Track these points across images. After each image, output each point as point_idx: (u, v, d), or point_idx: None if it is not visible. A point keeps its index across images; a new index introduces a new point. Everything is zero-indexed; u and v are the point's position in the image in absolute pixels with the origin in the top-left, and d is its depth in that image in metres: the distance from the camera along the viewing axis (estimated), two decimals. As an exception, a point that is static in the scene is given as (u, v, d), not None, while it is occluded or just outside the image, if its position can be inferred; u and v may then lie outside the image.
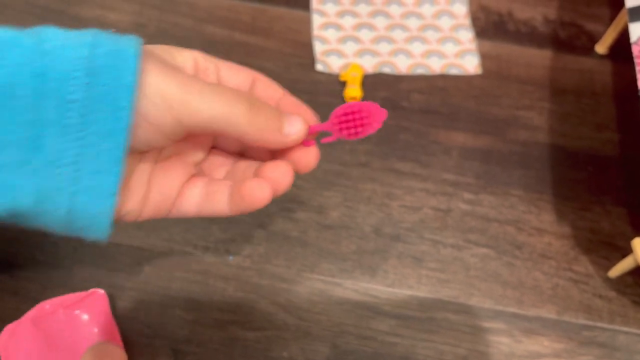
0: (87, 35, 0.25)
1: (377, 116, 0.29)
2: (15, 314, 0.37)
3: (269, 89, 0.31)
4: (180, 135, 0.26)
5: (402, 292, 0.41)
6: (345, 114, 0.29)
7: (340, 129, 0.29)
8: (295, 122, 0.29)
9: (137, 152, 0.27)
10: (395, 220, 0.43)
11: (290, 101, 0.31)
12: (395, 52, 0.50)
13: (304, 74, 0.48)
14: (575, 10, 0.53)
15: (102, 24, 0.49)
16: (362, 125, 0.29)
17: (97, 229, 0.25)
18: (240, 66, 0.31)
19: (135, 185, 0.27)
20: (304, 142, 0.30)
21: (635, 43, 0.40)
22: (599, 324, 0.40)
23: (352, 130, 0.29)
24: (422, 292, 0.41)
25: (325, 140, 0.30)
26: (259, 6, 0.51)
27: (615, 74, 0.50)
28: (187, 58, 0.29)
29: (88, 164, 0.24)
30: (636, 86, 0.39)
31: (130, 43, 0.25)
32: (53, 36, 0.24)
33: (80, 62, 0.24)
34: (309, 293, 0.40)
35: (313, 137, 0.30)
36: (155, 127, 0.25)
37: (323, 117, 0.47)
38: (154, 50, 0.27)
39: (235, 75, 0.30)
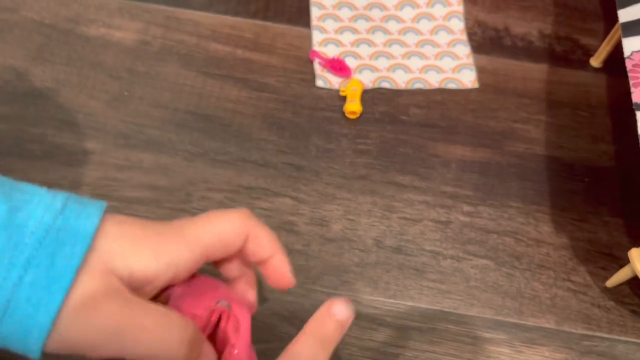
0: (25, 249, 0.24)
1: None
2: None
3: (259, 251, 0.30)
4: None
5: (404, 303, 0.41)
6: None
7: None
8: None
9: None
10: (396, 233, 0.44)
11: (276, 267, 0.31)
12: (393, 68, 0.51)
13: (305, 90, 0.49)
14: (571, 25, 0.55)
15: (107, 42, 0.50)
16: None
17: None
18: (234, 220, 0.29)
19: None
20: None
21: (629, 57, 0.41)
22: (598, 334, 0.41)
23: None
24: (423, 303, 0.41)
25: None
26: (262, 23, 0.53)
27: (610, 87, 0.51)
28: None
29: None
30: (630, 99, 0.40)
31: (68, 267, 0.24)
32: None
33: (1, 292, 0.23)
34: (312, 305, 0.41)
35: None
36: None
37: (325, 131, 0.48)
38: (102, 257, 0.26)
39: (223, 249, 0.29)
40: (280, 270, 0.31)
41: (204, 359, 0.28)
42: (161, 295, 0.30)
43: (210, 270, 0.32)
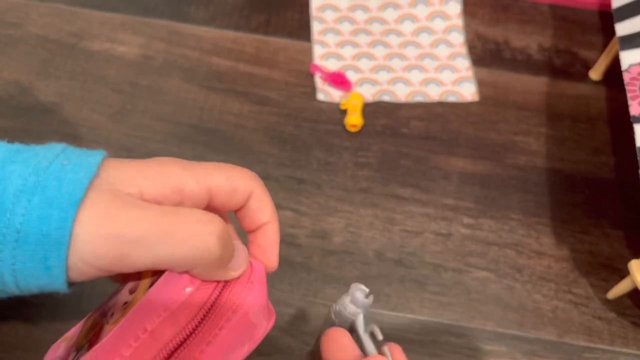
0: (30, 177, 0.24)
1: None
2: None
3: (260, 214, 0.29)
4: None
5: (405, 315, 0.41)
6: None
7: None
8: (241, 256, 0.27)
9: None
10: (397, 245, 0.44)
11: (268, 236, 0.30)
12: (394, 81, 0.51)
13: (307, 103, 0.50)
14: (570, 38, 0.55)
15: (110, 57, 0.51)
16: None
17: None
18: (242, 174, 0.29)
19: None
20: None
21: (627, 71, 0.41)
22: (600, 346, 0.41)
23: None
24: (425, 315, 0.41)
25: None
26: (263, 38, 0.53)
27: (610, 99, 0.52)
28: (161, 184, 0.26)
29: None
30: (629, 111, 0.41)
31: (76, 184, 0.24)
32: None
33: (12, 217, 0.23)
34: (313, 318, 0.41)
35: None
36: (93, 273, 0.25)
37: (326, 144, 0.49)
38: (109, 180, 0.25)
39: (227, 197, 0.28)
40: (271, 239, 0.30)
41: (238, 258, 0.27)
42: None
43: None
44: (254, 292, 0.27)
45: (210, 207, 0.28)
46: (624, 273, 0.43)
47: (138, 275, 0.28)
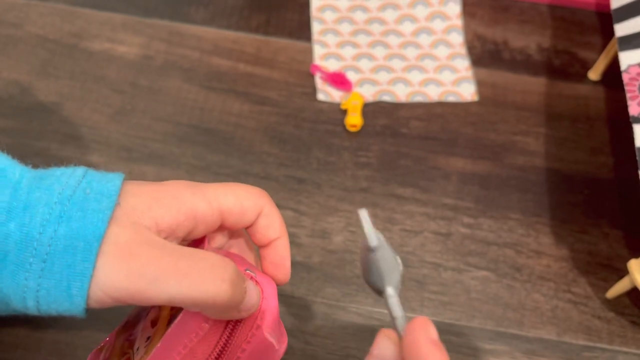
0: (56, 207, 0.25)
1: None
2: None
3: (270, 230, 0.30)
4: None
5: (405, 315, 0.41)
6: None
7: None
8: (253, 299, 0.28)
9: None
10: (397, 245, 0.44)
11: (279, 250, 0.31)
12: (394, 81, 0.51)
13: (307, 103, 0.50)
14: (569, 38, 0.55)
15: (110, 57, 0.51)
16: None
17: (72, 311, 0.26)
18: (251, 193, 0.30)
19: None
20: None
21: (625, 71, 0.41)
22: (599, 345, 0.41)
23: None
24: (425, 314, 0.41)
25: None
26: (263, 38, 0.53)
27: (609, 99, 0.52)
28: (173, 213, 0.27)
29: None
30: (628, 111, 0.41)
31: (99, 216, 0.25)
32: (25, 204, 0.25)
33: (39, 247, 0.24)
34: (314, 317, 0.41)
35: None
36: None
37: (326, 144, 0.49)
38: (129, 214, 0.26)
39: (239, 217, 0.29)
40: (281, 255, 0.31)
41: (250, 300, 0.28)
42: None
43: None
44: (265, 321, 0.29)
45: (222, 228, 0.30)
46: (623, 272, 0.43)
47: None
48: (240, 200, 0.29)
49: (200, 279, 0.25)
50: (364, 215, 0.25)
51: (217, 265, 0.26)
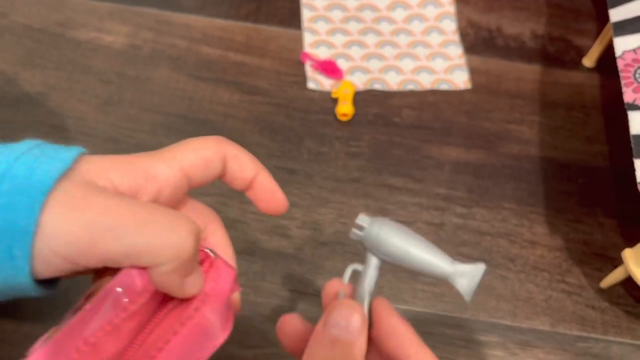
0: (1, 165, 0.23)
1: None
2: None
3: (244, 170, 0.29)
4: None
5: (398, 307, 0.41)
6: None
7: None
8: (198, 282, 0.26)
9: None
10: (389, 235, 0.43)
11: (264, 185, 0.30)
12: (385, 69, 0.50)
13: (298, 92, 0.49)
14: (564, 25, 0.54)
15: (97, 46, 0.50)
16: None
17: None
18: (208, 142, 0.28)
19: None
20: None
21: (620, 57, 0.41)
22: (593, 335, 0.41)
23: None
24: (418, 306, 0.41)
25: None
26: (253, 26, 0.52)
27: (603, 86, 0.51)
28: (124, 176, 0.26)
29: None
30: (623, 98, 0.40)
31: (48, 173, 0.23)
32: None
33: None
34: (305, 309, 0.40)
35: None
36: (65, 266, 0.23)
37: (317, 134, 0.48)
38: (82, 173, 0.24)
39: (204, 170, 0.28)
40: (268, 187, 0.30)
41: (197, 276, 0.26)
42: None
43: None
44: (208, 305, 0.26)
45: (193, 187, 0.28)
46: (617, 262, 0.43)
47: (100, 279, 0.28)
48: (199, 153, 0.27)
49: (163, 229, 0.23)
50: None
51: (182, 217, 0.24)
